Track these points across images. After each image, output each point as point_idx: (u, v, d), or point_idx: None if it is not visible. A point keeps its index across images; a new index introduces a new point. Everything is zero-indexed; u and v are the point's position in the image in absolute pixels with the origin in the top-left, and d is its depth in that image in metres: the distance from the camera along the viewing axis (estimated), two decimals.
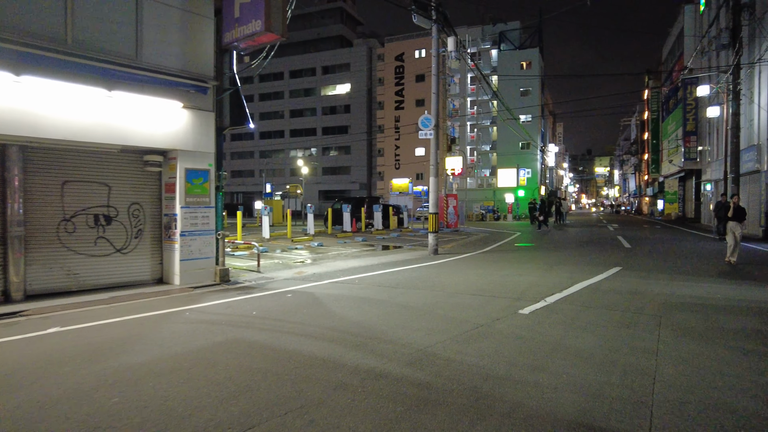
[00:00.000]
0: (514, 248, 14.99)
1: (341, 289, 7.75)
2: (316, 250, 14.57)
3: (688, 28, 36.26)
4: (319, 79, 68.84)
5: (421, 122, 12.88)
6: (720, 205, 16.98)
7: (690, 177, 38.34)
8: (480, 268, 10.27)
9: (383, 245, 16.43)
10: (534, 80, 49.35)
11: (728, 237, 10.94)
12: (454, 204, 23.80)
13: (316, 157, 68.49)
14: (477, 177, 53.99)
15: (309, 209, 19.67)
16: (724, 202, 16.94)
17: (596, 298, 6.78)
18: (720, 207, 16.90)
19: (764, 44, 20.80)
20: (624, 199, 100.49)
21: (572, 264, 10.65)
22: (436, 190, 13.06)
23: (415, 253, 13.54)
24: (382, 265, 11.00)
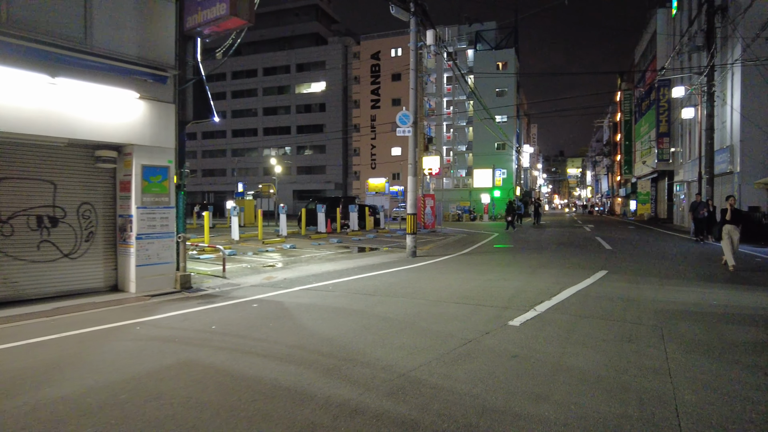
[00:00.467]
0: (494, 250, 14.56)
1: (313, 298, 7.11)
2: (288, 253, 13.85)
3: (661, 31, 36.68)
4: (293, 76, 67.72)
5: (398, 119, 12.31)
6: (695, 205, 16.93)
7: (663, 178, 38.82)
8: (462, 272, 9.75)
9: (359, 247, 15.81)
10: (510, 81, 49.41)
11: (724, 241, 10.18)
12: (432, 204, 23.33)
13: (290, 156, 67.35)
14: (453, 177, 53.81)
15: (281, 209, 18.90)
16: (699, 202, 16.94)
17: (589, 306, 6.31)
18: (695, 207, 16.86)
19: (737, 47, 20.94)
20: (596, 199, 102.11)
21: (556, 267, 10.23)
22: (414, 190, 12.52)
23: (392, 256, 12.97)
24: (358, 269, 10.39)
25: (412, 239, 12.47)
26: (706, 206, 16.85)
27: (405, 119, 12.23)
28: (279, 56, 68.71)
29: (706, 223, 16.67)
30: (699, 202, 17.23)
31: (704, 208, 16.77)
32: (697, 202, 17.31)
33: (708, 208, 16.75)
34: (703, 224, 16.78)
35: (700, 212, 16.76)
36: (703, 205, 16.97)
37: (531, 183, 74.03)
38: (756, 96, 20.30)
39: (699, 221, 16.98)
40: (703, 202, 17.22)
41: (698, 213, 16.84)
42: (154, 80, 7.98)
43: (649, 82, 39.77)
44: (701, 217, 16.77)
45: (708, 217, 16.56)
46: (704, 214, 16.60)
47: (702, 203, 17.11)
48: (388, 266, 10.74)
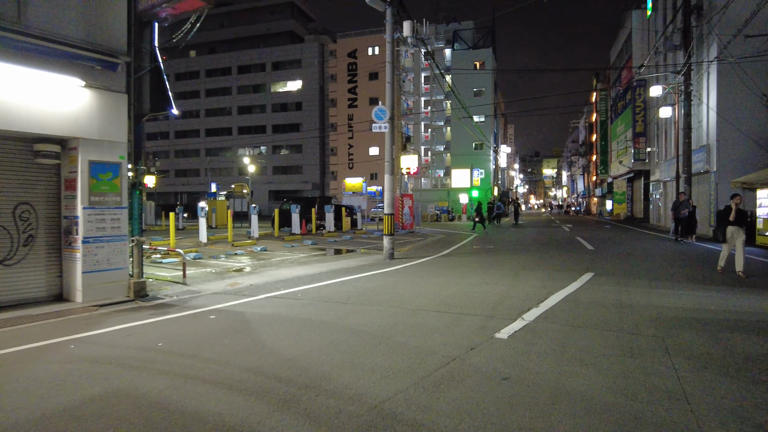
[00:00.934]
0: (474, 251, 14.06)
1: (279, 307, 6.44)
2: (258, 256, 13.11)
3: (636, 32, 36.91)
4: (268, 75, 66.53)
5: (374, 114, 11.70)
6: (677, 204, 16.63)
7: (639, 178, 39.09)
8: (441, 275, 9.18)
9: (335, 249, 15.15)
10: (487, 80, 49.27)
11: (726, 245, 9.17)
12: (410, 204, 22.78)
13: (266, 155, 66.11)
14: (431, 177, 53.43)
15: (252, 210, 18.09)
16: (681, 201, 16.65)
17: (580, 313, 5.79)
18: (677, 206, 16.56)
19: (713, 46, 20.94)
20: (572, 199, 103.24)
21: (540, 269, 9.75)
22: (391, 189, 11.92)
23: (369, 258, 12.34)
24: (331, 273, 9.73)
25: (389, 241, 11.87)
26: (688, 205, 16.57)
27: (381, 114, 11.63)
28: (254, 54, 67.44)
29: (686, 222, 16.37)
30: (681, 201, 16.91)
31: (686, 207, 16.47)
32: (679, 201, 16.95)
33: (689, 207, 16.47)
34: (684, 224, 16.49)
35: (682, 212, 16.43)
36: (685, 204, 16.66)
37: (508, 183, 74.29)
38: (732, 95, 20.29)
39: (680, 221, 16.67)
40: (686, 201, 16.92)
41: (680, 212, 16.54)
42: (103, 67, 7.21)
43: (626, 82, 40.02)
44: (682, 217, 16.46)
45: (689, 216, 16.27)
46: (685, 213, 16.28)
47: (684, 202, 16.80)
48: (363, 270, 10.12)
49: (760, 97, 19.58)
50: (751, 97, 19.63)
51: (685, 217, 16.37)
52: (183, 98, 70.91)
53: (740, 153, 20.21)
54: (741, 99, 19.99)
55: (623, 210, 45.26)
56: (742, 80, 19.42)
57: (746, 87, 19.47)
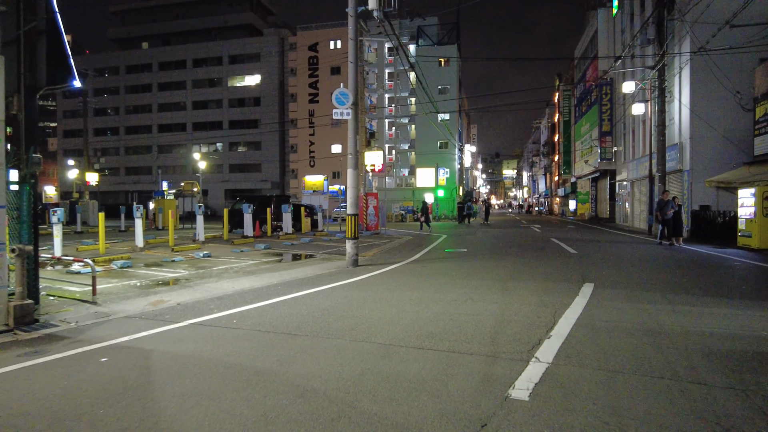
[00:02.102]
0: (447, 256, 12.62)
1: (204, 341, 4.74)
2: (199, 264, 11.26)
3: (602, 30, 36.59)
4: (226, 68, 63.65)
5: (335, 98, 10.06)
6: (663, 204, 15.52)
7: (604, 177, 38.85)
8: (416, 287, 7.64)
9: (291, 254, 13.41)
10: (452, 78, 48.28)
11: None
12: (375, 204, 21.22)
13: (222, 153, 63.22)
14: (396, 176, 52.04)
15: (198, 209, 16.11)
16: (666, 200, 15.58)
17: (608, 347, 4.35)
18: (663, 206, 15.43)
19: (686, 41, 20.32)
20: (533, 199, 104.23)
21: (530, 279, 8.35)
22: (355, 186, 10.32)
23: (329, 265, 10.70)
24: (283, 285, 8.04)
25: (353, 245, 10.27)
26: (673, 205, 15.39)
27: (343, 98, 10.01)
28: (210, 47, 64.38)
29: (672, 223, 15.25)
30: (666, 201, 15.64)
31: (672, 207, 15.26)
32: (664, 201, 15.56)
33: (674, 206, 15.26)
34: (671, 225, 15.27)
35: (668, 212, 15.21)
36: (670, 203, 15.47)
37: (472, 183, 73.90)
38: (705, 92, 19.70)
39: (667, 223, 15.35)
40: (671, 200, 15.73)
41: (666, 213, 15.25)
42: None
43: (591, 81, 39.74)
44: (668, 218, 15.21)
45: (674, 217, 15.27)
46: (670, 214, 15.09)
47: (670, 201, 15.55)
48: (322, 281, 8.47)
49: (734, 94, 19.03)
50: (725, 94, 19.05)
51: (670, 218, 15.17)
52: (134, 92, 67.14)
53: (714, 151, 19.64)
54: (715, 96, 19.41)
55: (587, 210, 45.15)
56: (716, 76, 18.81)
57: (720, 84, 18.89)
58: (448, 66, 48.09)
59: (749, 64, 18.85)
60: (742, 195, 15.25)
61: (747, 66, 18.90)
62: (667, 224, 15.35)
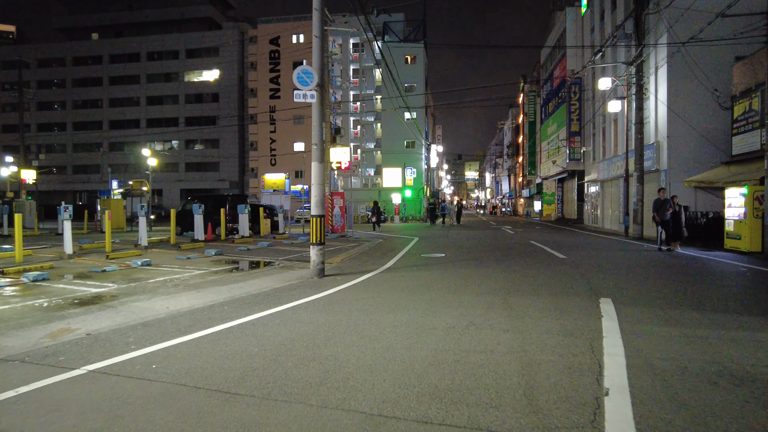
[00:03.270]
0: (425, 262, 11.19)
1: (94, 411, 3.08)
2: (133, 274, 9.43)
3: (571, 29, 36.16)
4: (182, 63, 60.57)
5: (297, 77, 8.45)
6: (660, 204, 13.90)
7: (572, 178, 38.47)
8: (399, 307, 6.13)
9: (246, 260, 11.69)
10: (419, 76, 47.13)
11: None
12: (341, 204, 19.64)
13: (178, 150, 60.09)
14: (361, 176, 50.46)
15: (140, 210, 14.13)
16: (663, 200, 14.00)
17: (700, 408, 2.97)
18: (660, 206, 13.83)
19: (662, 37, 19.67)
20: (496, 200, 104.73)
21: (531, 292, 6.99)
22: (320, 182, 8.74)
23: (290, 276, 9.07)
24: (231, 305, 6.40)
25: (318, 252, 8.68)
26: (671, 205, 13.82)
27: (307, 78, 8.41)
28: (166, 40, 61.14)
29: (670, 225, 13.76)
30: (664, 200, 13.96)
31: (669, 207, 13.77)
32: (661, 200, 13.95)
33: (673, 206, 13.82)
34: (669, 228, 13.76)
35: (666, 213, 13.71)
36: (668, 203, 13.89)
37: (437, 183, 73.17)
38: (683, 90, 19.09)
39: (666, 225, 13.81)
40: (668, 199, 14.09)
41: (665, 214, 13.73)
42: None
43: (558, 81, 39.33)
44: (667, 219, 13.71)
45: (673, 218, 13.72)
46: (668, 215, 13.79)
47: (667, 201, 13.96)
48: (281, 298, 6.87)
49: (712, 92, 18.45)
50: (703, 92, 18.46)
51: (669, 219, 13.72)
52: (83, 86, 63.03)
53: (691, 151, 19.04)
54: (692, 94, 18.80)
55: (553, 211, 44.84)
56: (694, 73, 18.17)
57: (698, 81, 18.26)
58: (414, 64, 46.90)
59: (727, 61, 18.32)
60: (730, 195, 14.48)
61: (725, 63, 18.36)
62: (666, 227, 13.88)
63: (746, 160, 16.93)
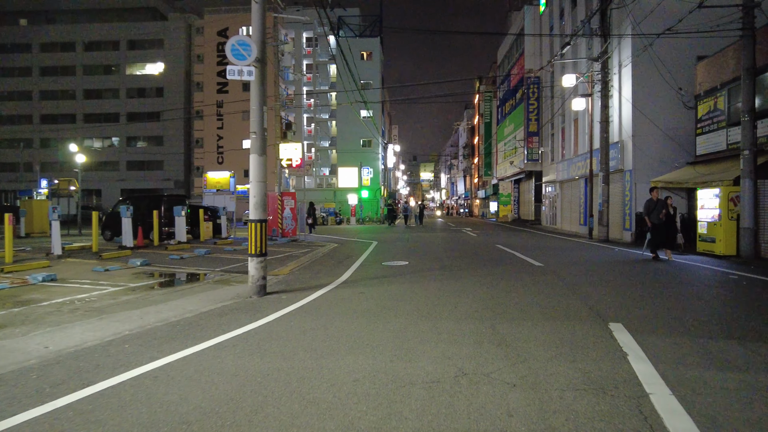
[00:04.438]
0: (387, 272, 9.76)
1: None
2: (27, 294, 7.52)
3: (529, 28, 35.75)
4: (124, 54, 56.72)
5: (231, 49, 6.84)
6: (652, 206, 12.24)
7: (529, 179, 38.12)
8: (360, 344, 4.64)
9: (176, 272, 9.90)
10: (375, 72, 45.74)
11: None
12: (292, 205, 17.95)
13: (119, 148, 56.21)
14: (316, 176, 48.53)
15: (52, 213, 12.00)
16: (657, 201, 12.31)
17: None
18: (653, 208, 12.20)
19: (626, 35, 19.12)
20: (451, 201, 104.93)
21: (523, 316, 5.67)
22: (261, 179, 7.15)
23: (224, 293, 7.42)
24: (135, 341, 4.73)
25: (258, 266, 7.08)
26: (665, 207, 12.16)
27: (243, 50, 6.81)
28: (106, 29, 57.03)
29: (664, 230, 12.13)
30: (657, 201, 12.21)
31: (663, 209, 12.08)
32: (654, 201, 12.21)
33: (667, 209, 12.16)
34: (662, 233, 12.10)
35: (659, 216, 11.99)
36: (661, 205, 12.13)
37: (394, 184, 72.10)
38: (647, 89, 18.54)
39: (658, 229, 12.06)
40: (661, 200, 12.30)
41: (658, 217, 12.00)
42: None
43: (516, 81, 38.93)
44: (659, 224, 12.03)
45: (667, 222, 12.13)
46: (662, 218, 12.03)
47: (660, 202, 12.21)
48: (205, 328, 5.24)
49: (677, 90, 17.99)
50: (668, 90, 17.97)
51: (661, 224, 12.06)
52: (9, 76, 57.91)
53: (656, 150, 18.54)
54: (657, 93, 18.27)
55: (509, 212, 44.54)
56: (659, 71, 17.64)
57: (663, 80, 17.75)
58: (370, 60, 45.51)
59: (693, 60, 17.93)
60: (703, 196, 13.84)
61: (690, 62, 17.96)
62: (657, 232, 12.10)
63: (712, 160, 16.49)
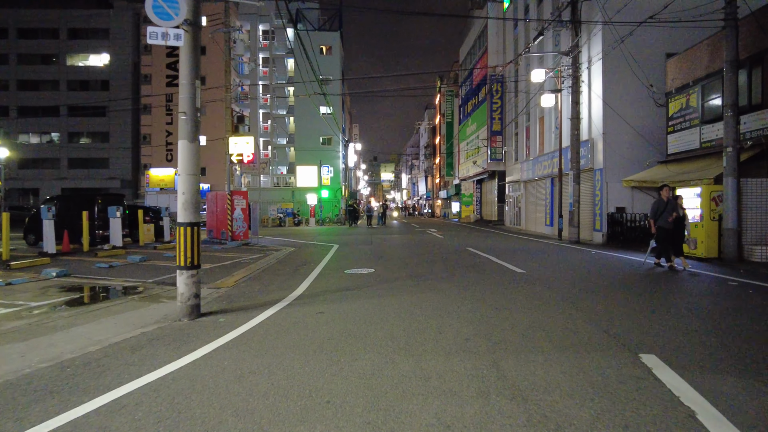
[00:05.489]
0: (351, 283, 8.40)
1: None
2: None
3: (492, 25, 35.10)
4: (64, 43, 52.85)
5: (152, 6, 5.31)
6: (661, 207, 10.51)
7: (491, 179, 37.52)
8: (316, 406, 3.30)
9: (97, 285, 8.20)
10: (335, 67, 44.17)
11: None
12: (243, 206, 16.30)
13: (59, 144, 52.36)
14: (273, 175, 46.44)
15: None
16: (667, 201, 10.53)
17: None
18: (662, 210, 10.48)
19: (596, 30, 18.50)
20: (413, 201, 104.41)
21: (531, 349, 4.45)
22: (192, 170, 5.66)
23: (146, 315, 5.87)
24: (6, 395, 3.19)
25: (189, 281, 5.59)
26: (676, 208, 10.51)
27: (168, 8, 5.31)
28: (43, 15, 52.94)
29: (672, 235, 10.48)
30: (667, 202, 10.53)
31: (673, 211, 10.42)
32: (663, 202, 10.55)
33: (677, 211, 10.50)
34: (670, 239, 10.47)
35: (669, 218, 10.36)
36: (671, 206, 10.47)
37: (355, 184, 70.65)
38: (618, 85, 17.94)
39: (665, 234, 10.45)
40: (672, 201, 10.61)
41: (667, 220, 10.37)
42: None
43: (479, 79, 38.28)
44: (667, 227, 10.40)
45: (676, 224, 10.46)
46: (671, 221, 10.38)
47: (670, 203, 10.52)
48: (107, 373, 3.74)
49: (648, 87, 17.46)
50: (638, 87, 17.42)
51: (670, 228, 10.43)
52: None
53: (627, 149, 17.96)
54: (628, 90, 17.69)
55: (471, 212, 43.95)
56: (630, 67, 17.03)
57: (634, 76, 17.17)
58: (330, 55, 43.92)
59: (662, 56, 17.46)
60: (683, 196, 13.16)
61: (660, 59, 17.47)
62: (664, 237, 10.47)
63: (684, 159, 16.00)
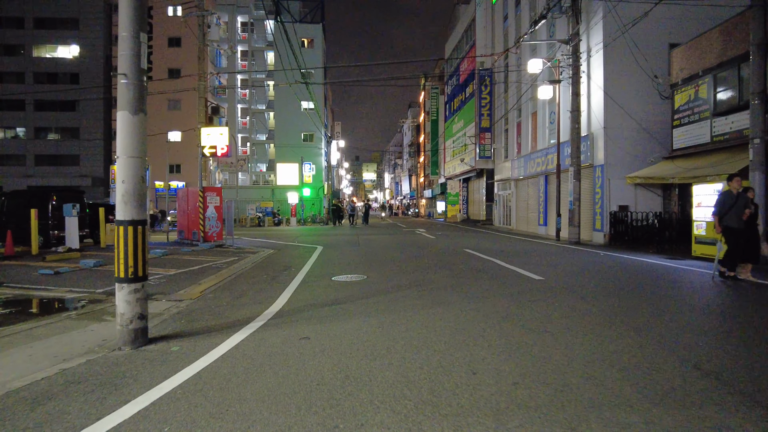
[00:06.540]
0: (340, 295, 7.04)
1: None
2: None
3: (480, 19, 34.01)
4: (30, 34, 50.27)
5: None
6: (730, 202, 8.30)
7: (479, 177, 36.47)
8: None
9: (31, 298, 6.68)
10: (317, 61, 42.60)
11: None
12: (217, 204, 14.77)
13: (25, 140, 49.77)
14: (251, 172, 44.67)
15: None
16: (738, 195, 8.27)
17: None
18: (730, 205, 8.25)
19: (597, 18, 17.45)
20: (396, 201, 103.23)
21: (624, 408, 3.17)
22: (134, 152, 4.25)
23: (78, 342, 4.39)
24: None
25: (131, 297, 4.17)
26: (747, 203, 8.34)
27: None
28: (7, 3, 50.25)
29: (745, 238, 8.28)
30: (737, 195, 8.33)
31: (745, 207, 8.28)
32: (733, 195, 8.36)
33: (749, 206, 8.34)
34: (741, 240, 8.23)
35: (743, 215, 8.23)
36: (742, 200, 8.29)
37: (338, 182, 69.08)
38: (620, 77, 16.89)
39: (736, 235, 8.24)
40: (742, 194, 8.37)
41: (739, 218, 8.23)
42: None
43: (466, 75, 37.18)
44: (738, 227, 8.24)
45: (748, 224, 8.34)
46: (742, 220, 8.29)
47: (742, 197, 8.31)
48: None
49: (652, 78, 16.48)
50: (642, 78, 16.43)
51: (742, 228, 8.27)
52: None
53: (630, 144, 16.92)
54: (631, 81, 16.66)
55: (457, 211, 42.88)
56: (634, 56, 16.03)
57: (638, 66, 16.18)
58: (312, 48, 42.36)
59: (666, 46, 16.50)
60: (700, 192, 12.06)
61: (664, 49, 16.52)
62: (735, 239, 8.24)
63: (692, 154, 14.94)
